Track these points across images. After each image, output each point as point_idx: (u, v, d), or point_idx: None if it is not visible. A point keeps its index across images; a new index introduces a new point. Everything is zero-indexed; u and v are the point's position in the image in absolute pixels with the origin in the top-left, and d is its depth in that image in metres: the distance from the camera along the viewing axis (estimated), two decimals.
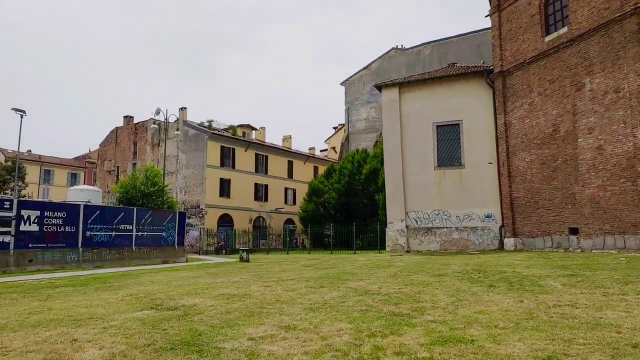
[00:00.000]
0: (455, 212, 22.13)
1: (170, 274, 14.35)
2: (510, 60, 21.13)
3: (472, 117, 22.35)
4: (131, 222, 19.99)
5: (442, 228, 22.27)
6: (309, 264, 17.68)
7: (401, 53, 44.51)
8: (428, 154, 22.97)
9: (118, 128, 49.08)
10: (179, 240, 22.52)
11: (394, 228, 23.10)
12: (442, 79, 23.18)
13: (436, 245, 22.25)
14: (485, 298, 7.48)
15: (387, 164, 23.93)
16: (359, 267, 15.22)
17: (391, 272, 12.93)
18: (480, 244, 21.45)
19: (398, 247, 22.85)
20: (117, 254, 19.24)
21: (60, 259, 17.12)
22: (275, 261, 20.78)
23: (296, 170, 48.76)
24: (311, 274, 13.10)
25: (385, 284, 10.09)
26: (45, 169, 61.57)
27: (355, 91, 46.46)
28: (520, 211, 20.32)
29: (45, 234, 16.81)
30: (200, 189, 39.59)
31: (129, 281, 12.12)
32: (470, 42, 40.18)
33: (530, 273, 11.22)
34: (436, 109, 23.07)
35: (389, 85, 24.23)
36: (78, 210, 18.09)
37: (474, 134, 22.25)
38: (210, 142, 40.22)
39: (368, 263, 16.77)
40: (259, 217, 44.16)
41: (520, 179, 20.33)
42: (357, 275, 12.48)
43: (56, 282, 12.13)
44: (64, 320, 6.42)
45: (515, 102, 20.78)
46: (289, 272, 14.45)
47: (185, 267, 17.73)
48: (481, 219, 21.68)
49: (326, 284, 10.27)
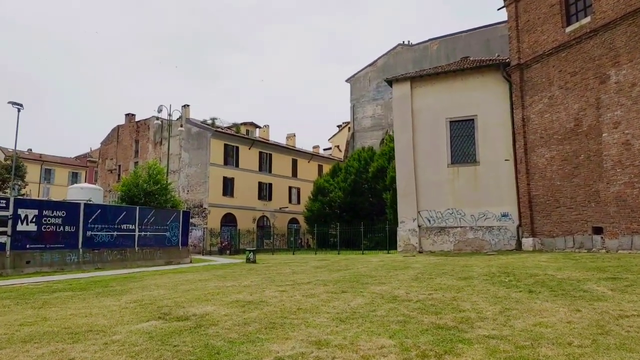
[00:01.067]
0: (470, 211, 21.28)
1: (175, 276, 13.53)
2: (528, 52, 20.27)
3: (488, 112, 21.49)
4: (133, 222, 19.18)
5: (456, 228, 21.43)
6: (319, 265, 16.86)
7: (408, 49, 43.65)
8: (441, 151, 22.11)
9: (120, 126, 48.31)
10: (183, 240, 21.71)
11: (406, 227, 22.26)
12: (456, 72, 22.31)
13: (450, 246, 21.41)
14: (535, 306, 6.64)
15: (399, 162, 23.08)
16: (374, 269, 14.40)
17: (412, 275, 12.10)
18: (496, 244, 20.60)
19: (410, 247, 22.02)
20: (118, 254, 18.44)
21: (60, 261, 16.31)
22: (283, 262, 19.96)
23: (300, 169, 47.95)
24: (326, 277, 12.28)
25: (411, 288, 9.26)
26: (46, 168, 60.80)
27: (361, 88, 45.61)
28: (539, 210, 19.46)
29: (43, 234, 16.00)
30: (203, 187, 38.79)
31: (132, 285, 11.31)
32: (479, 38, 39.34)
33: (565, 276, 10.37)
34: (449, 104, 22.21)
35: (400, 80, 23.38)
36: (78, 209, 17.28)
37: (489, 130, 21.39)
38: (213, 140, 39.43)
39: (382, 264, 15.94)
40: (263, 216, 43.37)
41: (539, 176, 19.48)
42: (376, 277, 11.65)
43: (54, 285, 11.32)
44: (60, 333, 5.61)
45: (533, 96, 19.92)
46: (301, 274, 13.63)
47: (191, 268, 16.92)
48: (497, 218, 20.82)
49: (347, 288, 9.44)
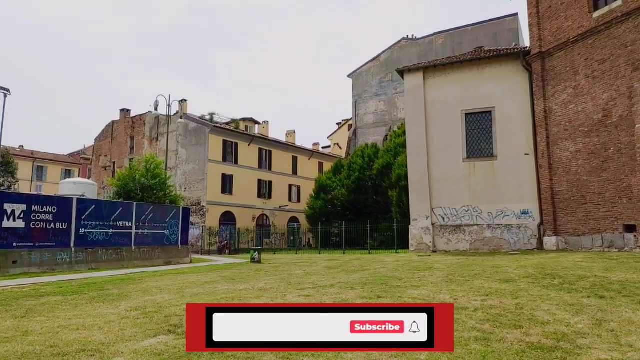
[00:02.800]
0: (487, 208, 20.11)
1: (178, 278, 12.24)
2: (550, 40, 19.12)
3: (506, 103, 20.33)
4: (130, 219, 17.85)
5: (473, 226, 20.25)
6: (331, 266, 15.62)
7: (412, 43, 42.50)
8: (456, 145, 20.93)
9: (114, 122, 46.81)
10: (183, 239, 20.40)
11: (419, 226, 21.06)
12: (472, 62, 21.13)
13: (466, 245, 20.23)
14: (629, 317, 5.44)
15: (411, 156, 21.88)
16: (394, 270, 13.20)
17: (441, 276, 10.90)
18: (515, 243, 19.43)
19: (423, 246, 20.82)
20: (114, 254, 17.10)
21: (50, 260, 14.97)
22: (289, 262, 18.69)
23: (301, 167, 46.63)
24: (346, 279, 11.05)
25: (454, 293, 8.05)
26: (38, 165, 59.18)
27: (364, 83, 44.41)
28: (563, 207, 18.32)
29: (32, 231, 14.66)
30: (201, 185, 37.44)
31: (131, 288, 10.02)
32: (487, 31, 38.28)
33: (622, 278, 9.20)
34: (465, 95, 21.04)
35: (412, 70, 22.17)
36: (70, 204, 15.94)
37: (508, 123, 20.23)
38: (212, 135, 38.06)
39: (400, 264, 14.72)
40: (263, 215, 42.05)
41: (564, 170, 18.34)
42: (403, 279, 10.43)
43: (42, 288, 10.00)
44: (43, 354, 4.34)
45: (556, 86, 18.78)
46: (315, 275, 12.39)
47: (193, 269, 15.63)
48: (516, 215, 19.67)
49: (380, 292, 8.21)
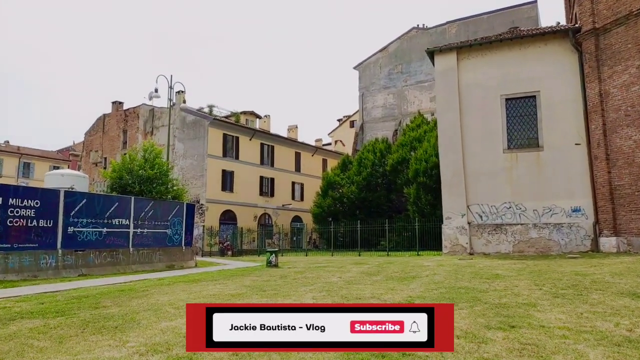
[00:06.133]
0: (532, 205, 17.82)
1: (192, 288, 9.74)
2: (606, 14, 16.89)
3: (552, 87, 18.08)
4: (128, 216, 15.28)
5: (516, 225, 17.95)
6: (366, 271, 13.23)
7: (423, 33, 40.24)
8: (495, 134, 18.64)
9: (106, 115, 44.04)
10: (187, 239, 17.86)
11: (453, 225, 18.72)
12: (513, 41, 18.83)
13: (508, 247, 17.93)
14: None
15: (443, 147, 19.53)
16: (452, 277, 10.89)
17: (528, 286, 8.59)
18: (566, 244, 17.16)
19: (458, 247, 18.49)
20: (109, 257, 14.52)
21: (31, 265, 12.36)
22: (311, 266, 16.17)
23: (304, 163, 44.17)
24: (407, 289, 8.69)
25: (591, 315, 5.70)
26: (25, 161, 56.18)
27: (371, 75, 42.07)
28: (624, 203, 16.07)
29: (9, 230, 12.06)
30: (200, 181, 34.85)
31: (136, 304, 7.52)
32: (504, 19, 36.08)
33: None
34: (505, 78, 18.75)
35: (443, 51, 19.82)
36: (57, 198, 13.34)
37: (554, 108, 17.98)
38: (211, 129, 35.49)
39: (450, 270, 12.37)
40: (265, 214, 39.53)
41: (624, 162, 16.10)
42: (487, 292, 8.09)
43: (16, 306, 7.47)
44: None
45: (614, 66, 16.54)
46: (359, 284, 10.03)
47: (204, 275, 13.11)
48: (566, 213, 17.40)
49: (490, 316, 5.83)
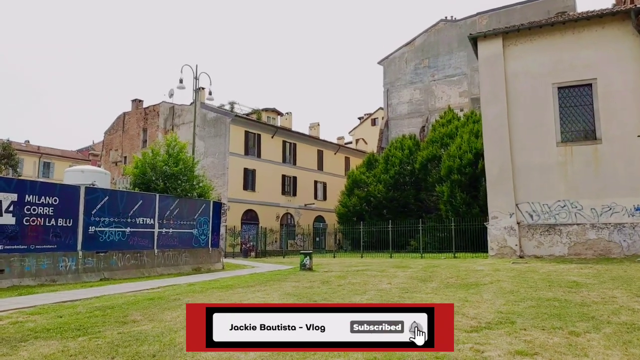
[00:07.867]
0: (590, 204, 16.25)
1: (228, 295, 8.49)
2: None
3: (611, 74, 16.48)
4: (152, 215, 14.14)
5: (571, 225, 16.38)
6: (414, 276, 11.89)
7: (451, 25, 38.64)
8: (547, 126, 17.10)
9: (125, 113, 43.37)
10: (214, 239, 16.68)
11: (500, 225, 17.22)
12: (566, 25, 17.27)
13: (563, 249, 16.37)
14: None
15: (488, 141, 18.05)
16: (517, 281, 9.49)
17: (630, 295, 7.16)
18: (628, 246, 15.55)
19: (506, 250, 16.98)
20: (132, 259, 13.39)
21: (49, 268, 11.27)
22: (348, 270, 14.80)
23: (326, 162, 42.88)
24: (477, 297, 7.34)
25: None
26: (45, 161, 56.09)
27: (396, 71, 40.60)
28: None
29: (26, 229, 10.97)
30: (221, 180, 33.76)
31: (170, 317, 6.29)
32: (538, 9, 34.29)
33: None
34: (557, 65, 17.20)
35: (488, 36, 18.33)
36: (77, 195, 12.23)
37: (614, 97, 16.38)
38: (233, 126, 34.44)
39: (512, 276, 10.92)
40: (287, 213, 38.36)
41: None
42: (591, 306, 6.69)
43: (29, 320, 6.28)
44: None
45: None
46: (418, 292, 8.71)
47: (236, 280, 11.87)
48: (629, 212, 15.79)
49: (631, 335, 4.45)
